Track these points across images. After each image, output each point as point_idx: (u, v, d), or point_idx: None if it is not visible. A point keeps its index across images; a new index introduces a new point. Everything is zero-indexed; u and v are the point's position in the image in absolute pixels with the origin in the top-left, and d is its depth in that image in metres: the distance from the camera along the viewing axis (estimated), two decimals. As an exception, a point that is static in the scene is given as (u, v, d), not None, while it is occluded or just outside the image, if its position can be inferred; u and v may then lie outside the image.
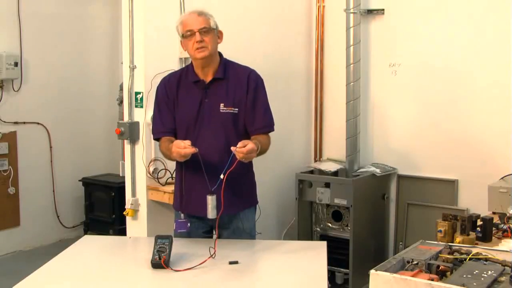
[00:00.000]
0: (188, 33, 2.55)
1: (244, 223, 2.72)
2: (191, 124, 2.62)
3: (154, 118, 2.76)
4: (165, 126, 2.67)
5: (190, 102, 2.63)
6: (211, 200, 2.41)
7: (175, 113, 2.66)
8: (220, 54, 2.69)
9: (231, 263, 2.32)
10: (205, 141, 2.56)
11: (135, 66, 3.50)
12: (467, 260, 1.98)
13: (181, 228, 2.63)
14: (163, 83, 2.73)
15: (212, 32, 2.57)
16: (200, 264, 2.27)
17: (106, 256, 2.52)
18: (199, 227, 2.73)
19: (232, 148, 2.37)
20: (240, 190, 2.64)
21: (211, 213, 2.42)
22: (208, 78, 2.63)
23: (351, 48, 4.38)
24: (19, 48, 5.05)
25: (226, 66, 2.66)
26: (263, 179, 3.05)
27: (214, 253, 2.34)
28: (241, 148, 2.35)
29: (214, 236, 2.72)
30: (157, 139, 2.74)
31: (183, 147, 2.39)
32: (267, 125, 2.69)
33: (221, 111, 2.60)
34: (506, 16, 3.86)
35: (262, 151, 2.55)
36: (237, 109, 2.61)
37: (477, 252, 2.03)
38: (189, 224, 2.63)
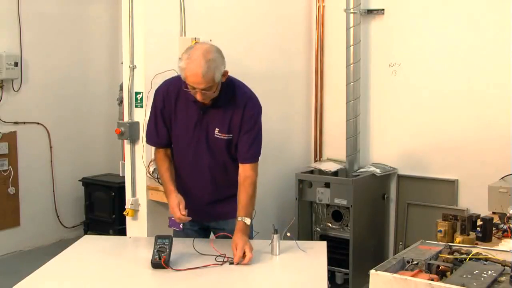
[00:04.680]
0: (190, 87, 2.42)
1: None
2: (186, 142, 2.62)
3: (149, 123, 2.70)
4: (159, 138, 2.67)
5: (187, 119, 2.59)
6: (276, 238, 2.48)
7: (172, 124, 2.63)
8: None
9: (231, 263, 2.33)
10: (199, 160, 2.61)
11: (135, 66, 3.50)
12: (467, 260, 1.98)
13: (174, 226, 2.64)
14: (161, 92, 2.64)
15: (216, 84, 2.43)
16: (203, 267, 2.28)
17: (106, 256, 2.52)
18: (193, 225, 2.74)
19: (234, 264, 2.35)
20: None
21: (275, 251, 2.49)
22: (207, 102, 2.52)
23: (351, 48, 4.38)
24: (19, 48, 5.05)
25: (226, 91, 2.54)
26: (263, 179, 3.04)
27: (223, 263, 2.33)
28: (244, 261, 2.34)
29: (212, 236, 2.76)
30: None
31: (178, 217, 2.49)
32: (252, 158, 2.61)
33: (216, 136, 2.57)
34: (506, 17, 3.86)
35: (253, 198, 2.60)
36: (231, 135, 2.58)
37: (477, 252, 2.03)
38: (181, 225, 2.63)
